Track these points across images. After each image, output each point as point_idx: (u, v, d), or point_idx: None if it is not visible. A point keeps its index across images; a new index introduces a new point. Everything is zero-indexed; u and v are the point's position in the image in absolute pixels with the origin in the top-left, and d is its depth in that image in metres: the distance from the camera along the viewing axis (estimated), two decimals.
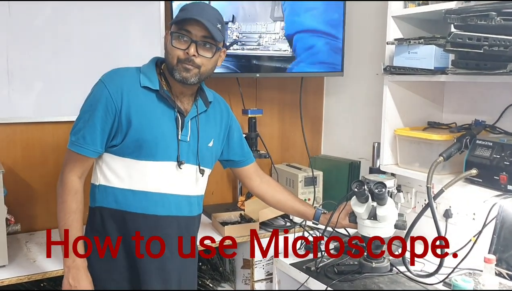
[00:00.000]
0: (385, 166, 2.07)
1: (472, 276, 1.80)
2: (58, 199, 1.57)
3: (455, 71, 1.70)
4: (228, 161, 1.86)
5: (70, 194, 1.55)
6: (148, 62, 1.64)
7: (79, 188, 1.58)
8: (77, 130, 1.55)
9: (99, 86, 1.55)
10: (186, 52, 1.52)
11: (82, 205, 1.58)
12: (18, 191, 2.19)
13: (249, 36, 2.35)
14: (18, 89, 2.15)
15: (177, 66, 1.54)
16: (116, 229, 1.59)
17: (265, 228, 2.26)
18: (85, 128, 1.53)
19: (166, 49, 1.58)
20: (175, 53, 1.53)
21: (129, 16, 2.34)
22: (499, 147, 1.65)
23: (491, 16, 1.49)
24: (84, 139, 1.53)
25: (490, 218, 1.83)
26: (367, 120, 2.59)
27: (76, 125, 1.56)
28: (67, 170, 1.57)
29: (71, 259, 1.55)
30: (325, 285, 1.78)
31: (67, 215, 1.55)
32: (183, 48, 1.52)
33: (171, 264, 1.64)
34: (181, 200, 1.64)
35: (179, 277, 1.67)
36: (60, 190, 1.57)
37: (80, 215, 1.57)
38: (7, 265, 1.82)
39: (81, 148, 1.54)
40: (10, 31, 2.11)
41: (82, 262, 1.56)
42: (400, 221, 1.78)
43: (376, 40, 2.36)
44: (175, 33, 1.53)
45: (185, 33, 1.52)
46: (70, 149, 1.56)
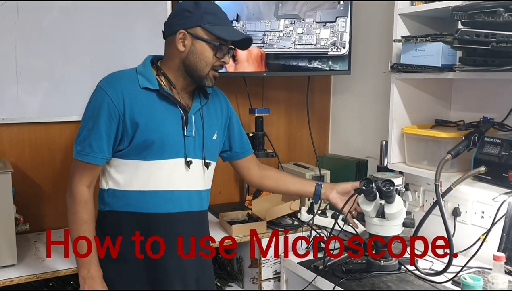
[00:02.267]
0: (393, 164, 2.06)
1: (481, 274, 1.78)
2: (69, 210, 1.56)
3: (462, 68, 1.69)
4: (229, 152, 1.85)
5: (80, 204, 1.55)
6: (143, 62, 1.63)
7: (89, 198, 1.57)
8: (82, 139, 1.53)
9: (99, 92, 1.54)
10: (222, 61, 1.58)
11: (93, 214, 1.58)
12: (26, 190, 2.20)
13: (253, 34, 2.35)
14: (26, 90, 2.17)
15: (208, 74, 1.58)
16: (128, 231, 1.59)
17: (272, 227, 2.26)
18: (90, 136, 1.52)
19: (197, 55, 1.56)
20: (211, 62, 1.57)
21: (136, 16, 2.35)
22: (507, 144, 1.64)
23: (499, 13, 1.48)
24: (91, 148, 1.52)
25: (499, 216, 1.82)
26: (374, 118, 2.58)
27: (81, 134, 1.54)
28: (76, 180, 1.55)
29: (86, 270, 1.54)
30: (333, 283, 1.78)
31: (79, 226, 1.55)
32: (220, 58, 1.57)
33: (188, 262, 1.64)
34: (191, 195, 1.64)
35: (197, 275, 1.67)
36: (70, 200, 1.56)
37: (92, 225, 1.57)
38: (16, 264, 1.83)
39: (88, 157, 1.53)
40: (19, 32, 2.12)
41: (97, 272, 1.56)
42: (408, 219, 1.78)
43: (383, 38, 2.35)
44: (222, 46, 1.56)
45: (229, 46, 1.58)
46: (77, 159, 1.55)
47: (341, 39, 2.41)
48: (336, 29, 2.40)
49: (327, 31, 2.41)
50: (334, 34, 2.40)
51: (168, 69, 1.61)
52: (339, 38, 2.40)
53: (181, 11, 1.57)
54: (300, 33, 2.41)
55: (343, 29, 2.40)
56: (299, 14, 2.40)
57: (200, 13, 1.54)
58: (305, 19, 2.40)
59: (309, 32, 2.40)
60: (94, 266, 1.55)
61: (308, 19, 2.40)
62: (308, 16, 2.40)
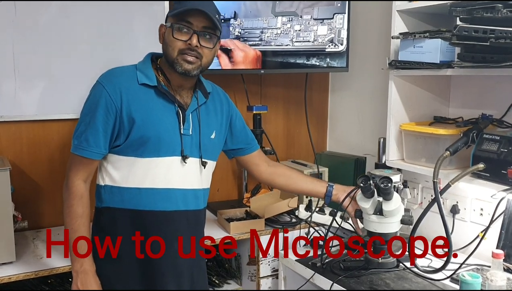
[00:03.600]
0: (391, 161, 2.05)
1: (480, 271, 1.78)
2: (65, 203, 1.57)
3: (461, 65, 1.69)
4: (234, 149, 1.85)
5: (75, 198, 1.55)
6: (143, 59, 1.63)
7: (84, 192, 1.57)
8: (79, 134, 1.54)
9: (97, 88, 1.55)
10: (188, 43, 1.52)
11: (88, 209, 1.58)
12: (24, 188, 2.20)
13: (251, 32, 2.35)
14: (24, 87, 2.16)
15: (177, 59, 1.53)
16: (124, 228, 1.59)
17: (270, 224, 2.26)
18: (87, 131, 1.52)
19: (165, 42, 1.56)
20: (176, 45, 1.53)
21: (134, 14, 2.34)
22: (506, 141, 1.63)
23: (497, 8, 1.48)
24: (87, 142, 1.52)
25: (498, 213, 1.82)
26: (372, 115, 2.58)
27: (78, 128, 1.55)
28: (72, 174, 1.56)
29: (79, 263, 1.55)
30: (331, 281, 1.77)
31: (74, 220, 1.55)
32: (185, 40, 1.52)
33: (183, 260, 1.64)
34: (187, 194, 1.64)
35: (191, 273, 1.67)
36: (66, 194, 1.57)
37: (87, 219, 1.57)
38: (15, 262, 1.83)
39: (85, 151, 1.53)
40: (16, 29, 2.12)
41: (90, 267, 1.56)
42: (406, 216, 1.77)
43: (381, 34, 2.35)
44: (176, 24, 1.52)
45: (186, 24, 1.51)
46: (74, 153, 1.55)
47: (338, 36, 2.40)
48: (334, 26, 2.39)
49: (325, 28, 2.40)
50: (332, 30, 2.39)
51: (163, 65, 1.61)
52: (336, 35, 2.40)
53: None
54: (297, 30, 2.40)
55: (340, 25, 2.39)
56: (297, 11, 2.39)
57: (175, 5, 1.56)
58: (303, 16, 2.40)
59: (306, 29, 2.40)
60: (87, 260, 1.56)
61: (306, 16, 2.40)
62: (306, 13, 2.39)
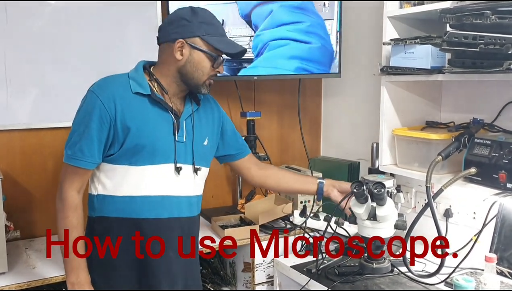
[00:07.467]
0: (384, 166, 2.06)
1: (473, 275, 1.79)
2: (59, 214, 1.56)
3: (451, 70, 1.70)
4: (225, 155, 1.85)
5: (70, 209, 1.54)
6: (135, 67, 1.63)
7: (79, 203, 1.57)
8: (72, 144, 1.53)
9: (90, 97, 1.53)
10: (218, 70, 1.60)
11: (82, 219, 1.58)
12: (17, 197, 2.18)
13: (239, 40, 2.35)
14: (16, 96, 2.15)
15: (204, 83, 1.60)
16: (117, 236, 1.58)
17: (265, 230, 2.26)
18: (81, 141, 1.51)
19: (193, 64, 1.57)
20: (208, 72, 1.59)
21: (127, 19, 2.34)
22: (497, 145, 1.65)
23: (486, 15, 1.49)
24: (81, 152, 1.51)
25: (491, 216, 1.83)
26: (365, 121, 2.59)
27: (71, 138, 1.54)
28: (66, 185, 1.55)
29: (75, 275, 1.55)
30: (326, 286, 1.78)
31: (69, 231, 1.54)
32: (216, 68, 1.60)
33: (176, 265, 1.64)
34: (181, 201, 1.64)
35: (185, 278, 1.67)
36: (60, 205, 1.56)
37: (81, 230, 1.57)
38: (7, 272, 1.81)
39: (79, 161, 1.52)
40: (8, 37, 2.11)
41: (85, 278, 1.56)
42: (400, 221, 1.78)
43: (373, 40, 2.36)
44: (219, 58, 1.58)
45: (224, 58, 1.60)
46: (68, 163, 1.54)
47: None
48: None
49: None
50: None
51: (161, 75, 1.61)
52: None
53: (178, 19, 1.56)
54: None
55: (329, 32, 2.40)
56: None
57: (198, 23, 1.54)
58: None
59: None
60: (82, 271, 1.55)
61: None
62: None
